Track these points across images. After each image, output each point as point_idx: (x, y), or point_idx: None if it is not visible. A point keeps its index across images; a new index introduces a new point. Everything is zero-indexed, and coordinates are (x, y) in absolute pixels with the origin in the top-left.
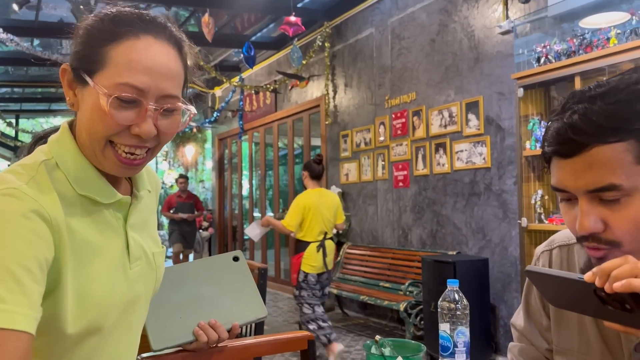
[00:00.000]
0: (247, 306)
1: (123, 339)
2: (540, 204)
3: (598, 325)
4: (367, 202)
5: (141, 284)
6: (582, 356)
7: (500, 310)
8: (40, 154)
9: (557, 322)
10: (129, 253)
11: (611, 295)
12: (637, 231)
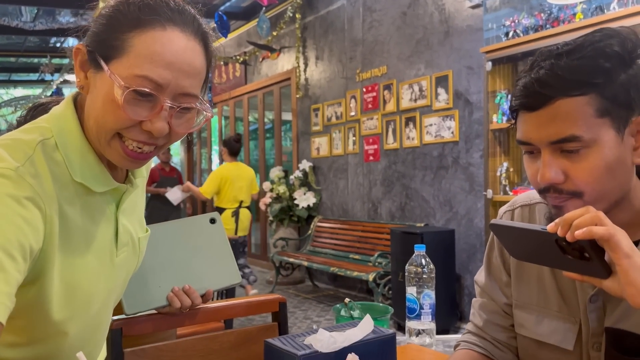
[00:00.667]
0: (221, 272)
1: (102, 316)
2: (506, 176)
3: (556, 280)
4: (338, 176)
5: (124, 270)
6: (540, 309)
7: (465, 279)
8: (39, 129)
9: (517, 277)
10: (117, 240)
11: (571, 245)
12: (595, 181)
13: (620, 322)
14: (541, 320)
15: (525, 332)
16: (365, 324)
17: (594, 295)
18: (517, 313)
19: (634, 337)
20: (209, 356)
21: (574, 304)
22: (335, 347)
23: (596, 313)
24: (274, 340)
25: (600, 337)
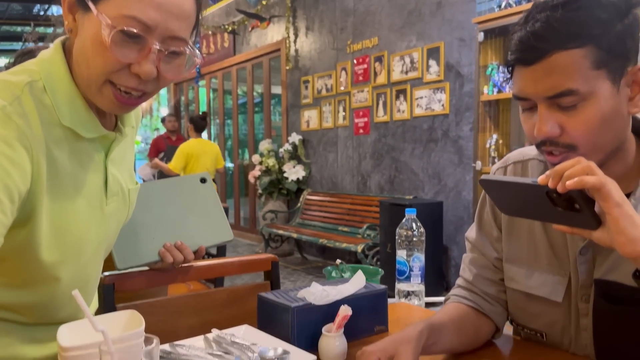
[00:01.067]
0: (213, 229)
1: (92, 267)
2: (495, 148)
3: (547, 234)
4: (328, 149)
5: (114, 220)
6: (530, 263)
7: (452, 251)
8: (27, 72)
9: (508, 233)
10: (107, 189)
11: (562, 196)
12: (591, 134)
13: (609, 274)
14: (531, 274)
15: (515, 285)
16: (357, 279)
17: (584, 247)
18: (507, 267)
19: (622, 288)
20: (202, 313)
21: (563, 258)
22: (327, 300)
23: (586, 265)
24: (267, 294)
25: (589, 289)
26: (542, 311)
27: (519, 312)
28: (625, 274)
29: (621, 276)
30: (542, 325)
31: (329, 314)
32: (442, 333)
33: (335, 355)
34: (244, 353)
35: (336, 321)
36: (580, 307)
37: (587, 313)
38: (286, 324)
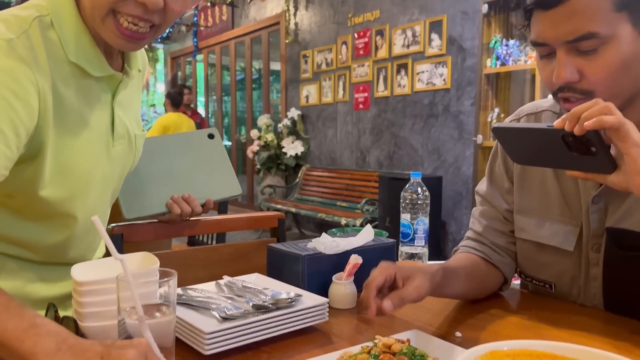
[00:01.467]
0: (221, 183)
1: (100, 209)
2: (497, 121)
3: (559, 183)
4: (327, 124)
5: (120, 163)
6: (541, 213)
7: (450, 226)
8: (36, 7)
9: (520, 184)
10: (114, 130)
11: (578, 139)
12: (610, 79)
13: (621, 222)
14: (542, 224)
15: (526, 235)
16: (366, 232)
17: (596, 196)
18: (518, 218)
19: (634, 235)
20: (209, 266)
21: (575, 207)
22: (337, 249)
23: (598, 214)
24: (277, 245)
25: (600, 238)
26: (552, 261)
27: (529, 263)
28: (638, 222)
29: (633, 224)
30: (551, 275)
31: (338, 264)
32: (454, 278)
33: (346, 302)
34: (257, 296)
35: (347, 269)
36: (590, 257)
37: (598, 262)
38: (296, 273)
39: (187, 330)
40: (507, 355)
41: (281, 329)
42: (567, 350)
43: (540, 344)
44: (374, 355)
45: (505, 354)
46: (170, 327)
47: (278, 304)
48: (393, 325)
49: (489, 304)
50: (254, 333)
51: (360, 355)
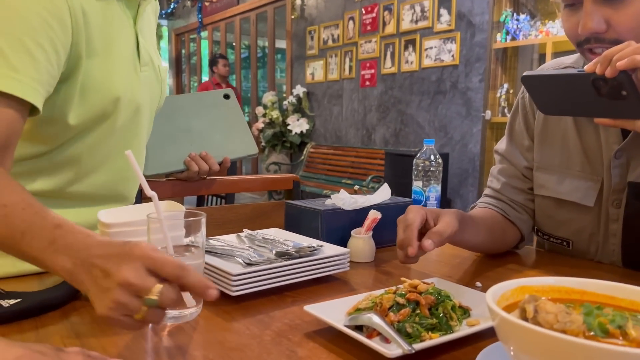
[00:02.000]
0: (238, 142)
1: (133, 142)
2: (505, 97)
3: (580, 139)
4: (333, 102)
5: (148, 91)
6: (562, 170)
7: (455, 203)
8: None
9: (540, 141)
10: (139, 55)
11: (609, 83)
12: (638, 27)
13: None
14: (563, 180)
15: (545, 191)
16: (383, 191)
17: (619, 150)
18: (538, 175)
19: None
20: (226, 225)
21: (597, 163)
22: (356, 205)
23: (619, 169)
24: (295, 202)
25: (621, 193)
26: (571, 218)
27: (547, 220)
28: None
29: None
30: (569, 233)
31: (356, 220)
32: (472, 225)
33: (365, 256)
34: (279, 246)
35: (365, 224)
36: (610, 213)
37: (617, 218)
38: (315, 228)
39: (214, 273)
40: (536, 291)
41: (304, 275)
42: (597, 286)
43: (570, 280)
44: (400, 294)
45: (534, 289)
46: (199, 269)
47: (301, 252)
48: (413, 277)
49: (506, 259)
50: (278, 278)
51: (387, 295)
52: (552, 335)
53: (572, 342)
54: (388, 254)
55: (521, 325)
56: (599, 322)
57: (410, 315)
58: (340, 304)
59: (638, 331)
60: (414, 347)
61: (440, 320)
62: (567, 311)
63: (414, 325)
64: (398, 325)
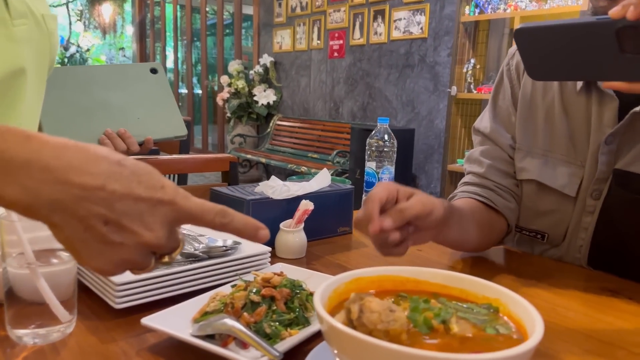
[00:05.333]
0: (164, 121)
1: (16, 108)
2: (472, 73)
3: (568, 120)
4: (300, 72)
5: (29, 49)
6: (545, 152)
7: (420, 179)
8: None
9: (523, 119)
10: (8, 6)
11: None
12: None
13: (631, 165)
14: (545, 163)
15: (526, 175)
16: (322, 177)
17: (612, 135)
18: (519, 157)
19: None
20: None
21: (582, 147)
22: (288, 194)
23: (607, 156)
24: (222, 188)
25: (603, 183)
26: (552, 209)
27: (526, 211)
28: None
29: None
30: (547, 225)
31: (289, 210)
32: (462, 220)
33: (293, 251)
34: (190, 243)
35: (296, 215)
36: (587, 204)
37: (594, 211)
38: None
39: (93, 280)
40: (372, 282)
41: (212, 280)
42: (430, 275)
43: (405, 270)
44: (254, 291)
45: (370, 280)
46: (69, 277)
47: (211, 253)
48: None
49: (467, 260)
50: (178, 285)
51: (238, 293)
52: (363, 340)
53: (380, 347)
54: (322, 248)
55: (337, 328)
56: (424, 317)
57: (266, 314)
58: (183, 309)
59: (461, 326)
60: (279, 351)
61: (298, 314)
62: (392, 308)
63: (272, 324)
64: (255, 327)
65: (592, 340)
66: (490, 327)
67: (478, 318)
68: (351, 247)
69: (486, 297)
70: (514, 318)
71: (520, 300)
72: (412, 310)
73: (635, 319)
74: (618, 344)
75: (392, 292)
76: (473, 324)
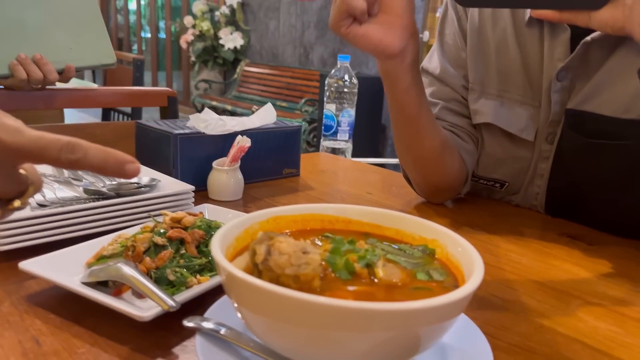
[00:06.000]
0: (89, 47)
1: None
2: None
3: (521, 51)
4: (269, 15)
5: None
6: (500, 93)
7: (389, 130)
8: None
9: (474, 54)
10: None
11: None
12: None
13: (584, 104)
14: (501, 105)
15: (482, 118)
16: (265, 112)
17: (562, 70)
18: (473, 98)
19: (596, 119)
20: None
21: (538, 86)
22: (223, 130)
23: (560, 95)
24: (149, 121)
25: (557, 126)
26: (510, 156)
27: (485, 159)
28: (603, 104)
29: (597, 106)
30: (507, 173)
31: (225, 149)
32: (423, 96)
33: (227, 193)
34: (99, 179)
35: (230, 153)
36: (542, 149)
37: (549, 156)
38: (167, 157)
39: None
40: (294, 221)
41: (121, 222)
42: (362, 213)
43: (334, 208)
44: (159, 232)
45: (292, 220)
46: None
47: (120, 190)
48: None
49: (421, 207)
50: (77, 226)
51: (142, 234)
52: (260, 286)
53: (280, 295)
54: (263, 191)
55: (232, 274)
56: (346, 260)
57: (172, 258)
58: (76, 253)
59: (388, 270)
60: (176, 301)
61: (211, 259)
62: (306, 250)
63: (177, 270)
64: (157, 273)
65: (545, 289)
66: (422, 272)
67: (410, 261)
68: (297, 189)
69: (423, 238)
70: (452, 261)
71: (460, 241)
72: (332, 252)
73: (593, 266)
74: (573, 292)
75: (317, 232)
76: (403, 267)
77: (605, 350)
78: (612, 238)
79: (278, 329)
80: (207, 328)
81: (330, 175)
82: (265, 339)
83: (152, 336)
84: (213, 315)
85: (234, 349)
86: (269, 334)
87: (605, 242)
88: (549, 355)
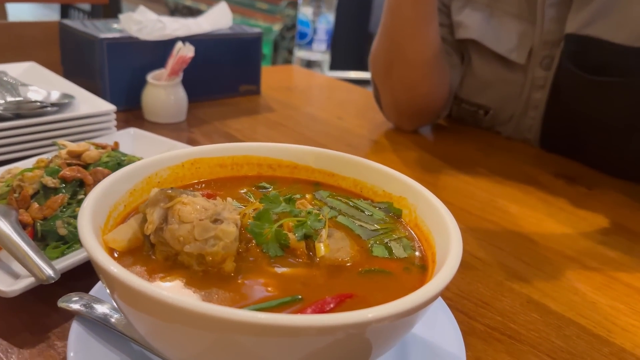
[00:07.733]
0: None
1: None
2: None
3: None
4: None
5: None
6: (489, 2)
7: None
8: None
9: None
10: None
11: None
12: None
13: (589, 27)
14: (490, 18)
15: (465, 33)
16: (217, 13)
17: None
18: (457, 6)
19: (602, 47)
20: None
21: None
22: (163, 35)
23: (556, 10)
24: (73, 22)
25: (554, 48)
26: (496, 80)
27: (469, 80)
28: (614, 27)
29: (608, 30)
30: (491, 98)
31: (164, 58)
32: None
33: (166, 114)
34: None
35: (169, 64)
36: (536, 75)
37: (544, 84)
38: (92, 66)
39: None
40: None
41: (20, 149)
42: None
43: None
44: (52, 170)
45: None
46: None
47: (20, 111)
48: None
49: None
50: None
51: (31, 172)
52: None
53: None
54: (213, 112)
55: (98, 264)
56: (276, 231)
57: (67, 205)
58: None
59: (334, 244)
60: (56, 270)
61: None
62: (219, 216)
63: (71, 223)
64: (44, 226)
65: (536, 248)
66: (380, 246)
67: (367, 227)
68: (256, 111)
69: (388, 194)
70: (421, 229)
71: (435, 203)
72: (259, 217)
73: (592, 218)
74: (568, 252)
75: (252, 181)
76: (356, 237)
77: (606, 336)
78: (614, 181)
79: (165, 333)
80: (87, 313)
81: (297, 94)
82: (153, 343)
83: (25, 313)
84: (102, 293)
85: (123, 342)
86: (154, 338)
87: (605, 185)
88: (536, 343)
